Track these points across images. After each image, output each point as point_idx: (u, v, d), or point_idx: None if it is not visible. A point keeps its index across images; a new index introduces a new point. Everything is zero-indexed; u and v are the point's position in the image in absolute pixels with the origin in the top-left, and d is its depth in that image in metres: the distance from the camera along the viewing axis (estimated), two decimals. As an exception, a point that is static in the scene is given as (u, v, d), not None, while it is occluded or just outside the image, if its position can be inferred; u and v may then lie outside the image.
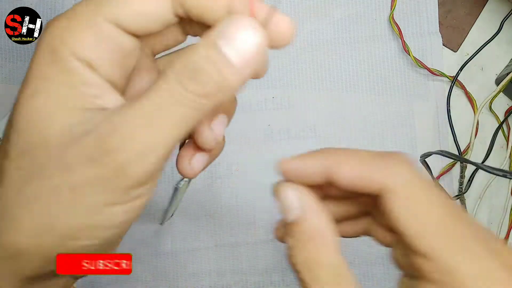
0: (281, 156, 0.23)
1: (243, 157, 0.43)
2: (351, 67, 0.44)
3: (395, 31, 0.43)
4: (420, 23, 0.44)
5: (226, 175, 0.43)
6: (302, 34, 0.44)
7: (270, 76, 0.44)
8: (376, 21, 0.44)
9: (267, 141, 0.43)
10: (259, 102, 0.44)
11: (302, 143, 0.43)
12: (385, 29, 0.44)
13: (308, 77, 0.44)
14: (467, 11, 0.45)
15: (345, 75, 0.44)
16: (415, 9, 0.44)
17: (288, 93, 0.44)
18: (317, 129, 0.44)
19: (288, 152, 0.23)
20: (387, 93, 0.44)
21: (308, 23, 0.44)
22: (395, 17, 0.44)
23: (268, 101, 0.44)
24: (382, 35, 0.44)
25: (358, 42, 0.44)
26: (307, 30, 0.44)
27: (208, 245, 0.43)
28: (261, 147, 0.43)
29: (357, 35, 0.44)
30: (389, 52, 0.44)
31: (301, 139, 0.43)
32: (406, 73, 0.44)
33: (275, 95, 0.44)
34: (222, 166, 0.43)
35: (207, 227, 0.43)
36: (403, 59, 0.44)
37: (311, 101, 0.44)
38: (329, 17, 0.44)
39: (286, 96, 0.44)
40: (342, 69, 0.44)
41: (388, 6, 0.44)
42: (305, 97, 0.44)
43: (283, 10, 0.44)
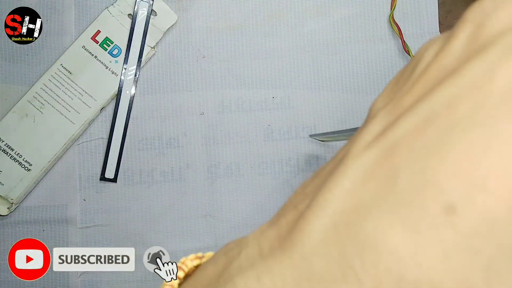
0: (280, 156, 0.23)
1: (243, 157, 0.43)
2: (351, 67, 0.44)
3: (395, 31, 0.43)
4: (420, 23, 0.44)
5: (226, 175, 0.43)
6: (302, 34, 0.44)
7: (270, 76, 0.44)
8: (376, 21, 0.44)
9: (267, 141, 0.43)
10: (259, 102, 0.44)
11: (302, 143, 0.43)
12: (385, 29, 0.44)
13: (308, 77, 0.44)
14: (467, 11, 0.45)
15: (345, 75, 0.44)
16: (415, 9, 0.44)
17: (288, 93, 0.44)
18: (317, 129, 0.44)
19: (288, 152, 0.23)
20: (387, 93, 0.44)
21: (308, 23, 0.44)
22: (395, 17, 0.44)
23: (268, 101, 0.44)
24: (382, 35, 0.44)
25: (358, 42, 0.44)
26: (307, 30, 0.44)
27: (208, 245, 0.43)
28: (261, 147, 0.43)
29: (357, 35, 0.44)
30: (389, 52, 0.44)
31: (301, 139, 0.43)
32: (406, 73, 0.44)
33: (275, 95, 0.44)
34: (222, 166, 0.43)
35: (207, 227, 0.43)
36: (403, 59, 0.44)
37: (311, 101, 0.44)
38: (329, 17, 0.44)
39: (286, 96, 0.44)
40: (342, 69, 0.44)
41: (388, 6, 0.44)
42: (305, 97, 0.44)
43: (284, 10, 0.44)
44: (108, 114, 0.43)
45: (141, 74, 0.43)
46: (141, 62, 0.43)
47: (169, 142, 0.43)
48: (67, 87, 0.42)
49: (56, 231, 0.42)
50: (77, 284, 0.42)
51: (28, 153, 0.41)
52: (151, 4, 0.43)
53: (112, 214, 0.43)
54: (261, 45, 0.44)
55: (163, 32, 0.43)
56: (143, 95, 0.44)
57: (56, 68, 0.42)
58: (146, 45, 0.43)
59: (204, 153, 0.43)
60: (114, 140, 0.43)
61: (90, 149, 0.43)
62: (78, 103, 0.42)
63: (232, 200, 0.43)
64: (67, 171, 0.43)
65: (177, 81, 0.44)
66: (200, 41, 0.44)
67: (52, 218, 0.42)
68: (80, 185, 0.43)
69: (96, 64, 0.42)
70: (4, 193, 0.41)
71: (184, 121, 0.44)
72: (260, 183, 0.43)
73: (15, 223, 0.42)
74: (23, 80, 0.43)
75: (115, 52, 0.43)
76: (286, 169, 0.43)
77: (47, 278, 0.42)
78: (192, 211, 0.43)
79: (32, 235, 0.42)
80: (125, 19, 0.43)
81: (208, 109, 0.44)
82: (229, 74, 0.44)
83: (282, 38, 0.44)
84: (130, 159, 0.43)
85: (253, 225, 0.43)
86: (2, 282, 0.42)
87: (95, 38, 0.42)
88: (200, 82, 0.44)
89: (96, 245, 0.43)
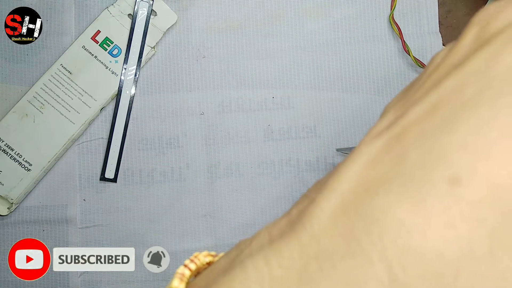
0: (280, 156, 0.23)
1: (243, 157, 0.43)
2: (351, 67, 0.44)
3: (395, 31, 0.43)
4: (420, 23, 0.44)
5: (226, 175, 0.43)
6: (302, 34, 0.44)
7: (270, 76, 0.44)
8: (376, 21, 0.44)
9: (267, 141, 0.43)
10: (259, 102, 0.44)
11: (302, 143, 0.43)
12: (385, 29, 0.44)
13: (308, 77, 0.44)
14: (467, 11, 0.45)
15: (345, 75, 0.44)
16: (415, 9, 0.44)
17: (288, 93, 0.44)
18: (317, 129, 0.44)
19: (288, 152, 0.23)
20: (387, 93, 0.44)
21: (308, 23, 0.44)
22: (395, 17, 0.44)
23: (268, 101, 0.44)
24: (382, 35, 0.44)
25: (358, 42, 0.44)
26: (307, 30, 0.44)
27: (208, 245, 0.43)
28: (261, 147, 0.43)
29: (357, 35, 0.44)
30: (389, 52, 0.44)
31: (301, 139, 0.43)
32: (406, 73, 0.44)
33: (275, 95, 0.44)
34: (222, 166, 0.43)
35: (207, 227, 0.43)
36: (403, 59, 0.44)
37: (311, 101, 0.44)
38: (329, 17, 0.44)
39: (286, 96, 0.44)
40: (342, 69, 0.44)
41: (388, 6, 0.44)
42: (305, 97, 0.44)
43: (284, 10, 0.44)
44: (108, 114, 0.43)
45: (141, 74, 0.43)
46: (141, 62, 0.43)
47: (169, 142, 0.43)
48: (67, 87, 0.42)
49: (56, 231, 0.43)
50: (77, 284, 0.42)
51: (28, 153, 0.41)
52: (151, 4, 0.43)
53: (112, 214, 0.43)
54: (261, 45, 0.44)
55: (163, 32, 0.43)
56: (143, 95, 0.44)
57: (56, 68, 0.42)
58: (146, 45, 0.43)
59: (204, 153, 0.43)
60: (114, 140, 0.43)
61: (90, 149, 0.43)
62: (78, 103, 0.42)
63: (232, 200, 0.43)
64: (67, 171, 0.43)
65: (177, 81, 0.44)
66: (200, 41, 0.44)
67: (52, 218, 0.42)
68: (80, 185, 0.43)
69: (96, 64, 0.42)
70: (4, 193, 0.41)
71: (184, 121, 0.44)
72: (260, 183, 0.43)
73: (15, 223, 0.42)
74: (23, 80, 0.43)
75: (115, 52, 0.43)
76: (286, 169, 0.43)
77: (47, 278, 0.42)
78: (192, 211, 0.43)
79: (32, 235, 0.42)
80: (125, 19, 0.43)
81: (208, 109, 0.44)
82: (229, 74, 0.44)
83: (282, 38, 0.44)
84: (130, 159, 0.43)
85: (253, 225, 0.43)
86: (2, 282, 0.42)
87: (95, 38, 0.42)
88: (200, 82, 0.44)
89: (96, 245, 0.43)
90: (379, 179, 0.13)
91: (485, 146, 0.11)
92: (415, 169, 0.12)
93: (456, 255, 0.11)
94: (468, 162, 0.11)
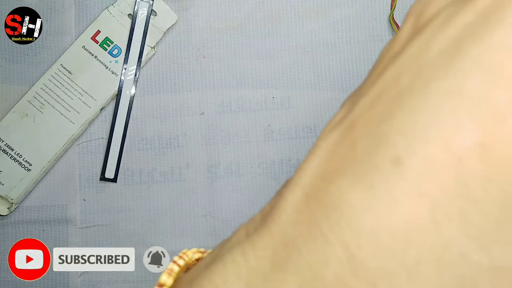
0: (280, 156, 0.23)
1: (243, 157, 0.43)
2: (351, 67, 0.44)
3: (395, 31, 0.43)
4: (420, 23, 0.44)
5: (226, 175, 0.43)
6: (302, 34, 0.44)
7: (270, 76, 0.44)
8: (376, 21, 0.44)
9: (267, 141, 0.43)
10: (259, 102, 0.44)
11: (302, 143, 0.43)
12: (385, 29, 0.44)
13: (308, 77, 0.44)
14: (467, 11, 0.45)
15: (345, 75, 0.44)
16: (415, 9, 0.44)
17: (288, 93, 0.44)
18: (317, 129, 0.44)
19: (288, 152, 0.23)
20: (387, 93, 0.44)
21: (308, 23, 0.44)
22: (395, 17, 0.44)
23: (268, 101, 0.44)
24: (382, 35, 0.44)
25: (358, 42, 0.44)
26: (307, 30, 0.44)
27: (208, 245, 0.43)
28: (261, 147, 0.43)
29: (357, 35, 0.44)
30: (389, 52, 0.44)
31: (301, 139, 0.43)
32: (406, 73, 0.44)
33: (275, 95, 0.44)
34: (222, 166, 0.43)
35: (207, 227, 0.43)
36: (403, 59, 0.44)
37: (311, 101, 0.44)
38: (329, 17, 0.44)
39: (286, 96, 0.44)
40: (342, 69, 0.44)
41: (388, 6, 0.44)
42: (305, 97, 0.44)
43: (284, 10, 0.44)
44: (108, 114, 0.43)
45: (141, 74, 0.44)
46: (141, 62, 0.43)
47: (169, 142, 0.43)
48: (67, 87, 0.42)
49: (56, 231, 0.43)
50: (77, 284, 0.42)
51: (28, 153, 0.41)
52: (151, 4, 0.43)
53: (112, 214, 0.43)
54: (261, 45, 0.44)
55: (163, 32, 0.43)
56: (143, 95, 0.44)
57: (56, 68, 0.42)
58: (146, 45, 0.43)
59: (204, 153, 0.43)
60: (114, 140, 0.43)
61: (90, 149, 0.43)
62: (78, 103, 0.42)
63: (232, 200, 0.43)
64: (67, 171, 0.43)
65: (177, 81, 0.44)
66: (200, 41, 0.44)
67: (52, 218, 0.42)
68: (80, 185, 0.43)
69: (96, 64, 0.42)
70: (4, 193, 0.41)
71: (184, 121, 0.44)
72: (260, 183, 0.43)
73: (15, 223, 0.42)
74: (23, 80, 0.43)
75: (115, 52, 0.43)
76: (286, 169, 0.43)
77: (47, 278, 0.42)
78: (192, 211, 0.43)
79: (32, 235, 0.42)
80: (125, 19, 0.43)
81: (208, 109, 0.44)
82: (229, 74, 0.44)
83: (282, 38, 0.44)
84: (130, 159, 0.43)
85: (253, 225, 0.43)
86: (2, 282, 0.42)
87: (95, 38, 0.42)
88: (200, 82, 0.44)
89: (96, 245, 0.43)
90: (334, 168, 0.14)
91: (419, 128, 0.13)
92: (363, 155, 0.13)
93: (403, 228, 0.12)
94: (406, 144, 0.13)
